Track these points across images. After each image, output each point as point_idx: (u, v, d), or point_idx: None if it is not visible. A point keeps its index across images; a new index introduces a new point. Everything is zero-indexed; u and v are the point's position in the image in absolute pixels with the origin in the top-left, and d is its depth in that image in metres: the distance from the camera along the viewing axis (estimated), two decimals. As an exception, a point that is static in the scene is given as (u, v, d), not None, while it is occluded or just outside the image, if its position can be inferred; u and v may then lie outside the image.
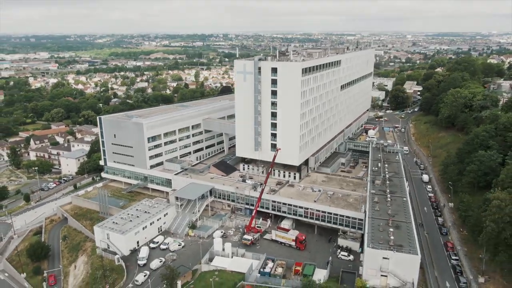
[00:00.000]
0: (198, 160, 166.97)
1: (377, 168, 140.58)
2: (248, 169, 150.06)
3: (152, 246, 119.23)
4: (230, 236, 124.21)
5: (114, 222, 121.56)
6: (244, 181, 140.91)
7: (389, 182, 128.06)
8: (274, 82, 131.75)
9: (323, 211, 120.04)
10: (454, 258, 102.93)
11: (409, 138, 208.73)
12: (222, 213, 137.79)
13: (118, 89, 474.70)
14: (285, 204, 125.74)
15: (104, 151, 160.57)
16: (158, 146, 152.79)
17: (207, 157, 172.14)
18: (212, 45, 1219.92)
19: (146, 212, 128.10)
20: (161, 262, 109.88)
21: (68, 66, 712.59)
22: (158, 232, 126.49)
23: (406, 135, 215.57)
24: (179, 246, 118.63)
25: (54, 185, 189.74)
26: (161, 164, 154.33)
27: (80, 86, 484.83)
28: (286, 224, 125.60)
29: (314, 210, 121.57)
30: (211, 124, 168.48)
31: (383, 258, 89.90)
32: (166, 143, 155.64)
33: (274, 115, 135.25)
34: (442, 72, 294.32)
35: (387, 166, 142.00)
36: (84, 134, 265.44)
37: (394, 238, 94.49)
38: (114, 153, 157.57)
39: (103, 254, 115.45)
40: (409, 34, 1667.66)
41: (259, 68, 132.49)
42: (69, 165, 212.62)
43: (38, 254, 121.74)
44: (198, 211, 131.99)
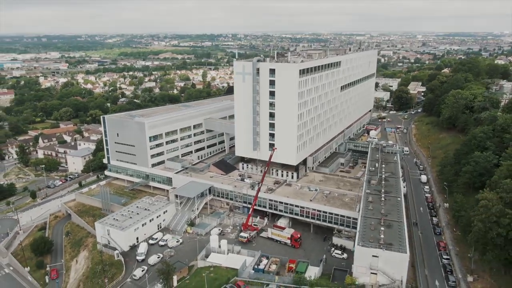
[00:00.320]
0: (200, 159, 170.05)
1: (374, 168, 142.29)
2: (247, 168, 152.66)
3: (151, 242, 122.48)
4: (227, 233, 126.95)
5: (114, 219, 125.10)
6: (242, 180, 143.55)
7: (385, 182, 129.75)
8: (272, 83, 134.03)
9: (319, 210, 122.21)
10: (445, 257, 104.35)
11: (410, 139, 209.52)
12: (221, 211, 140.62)
13: (126, 88, 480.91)
14: (281, 203, 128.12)
15: (107, 150, 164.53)
16: (159, 145, 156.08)
17: (208, 156, 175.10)
18: (220, 45, 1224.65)
19: (146, 209, 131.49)
20: (159, 258, 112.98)
21: (78, 66, 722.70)
22: (158, 229, 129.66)
23: (408, 136, 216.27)
24: (177, 242, 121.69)
25: (60, 182, 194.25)
26: (162, 162, 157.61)
27: (89, 86, 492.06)
28: (282, 222, 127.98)
29: (310, 209, 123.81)
30: (212, 123, 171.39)
31: (373, 256, 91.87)
32: (167, 142, 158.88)
33: (272, 116, 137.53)
34: (447, 73, 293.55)
35: (385, 166, 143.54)
36: (91, 133, 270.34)
37: (385, 236, 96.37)
38: (117, 151, 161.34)
39: (103, 250, 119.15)
40: (419, 34, 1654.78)
41: (258, 69, 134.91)
42: (75, 163, 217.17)
43: (41, 248, 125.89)
44: (197, 209, 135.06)
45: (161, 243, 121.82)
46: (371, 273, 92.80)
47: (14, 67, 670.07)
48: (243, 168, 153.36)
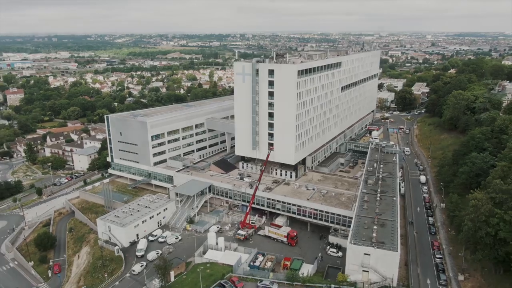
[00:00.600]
0: (201, 158, 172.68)
1: (372, 168, 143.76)
2: (246, 167, 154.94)
3: (150, 239, 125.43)
4: (226, 231, 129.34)
5: (115, 216, 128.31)
6: (242, 179, 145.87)
7: (382, 182, 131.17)
8: (271, 83, 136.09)
9: (315, 209, 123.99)
10: (438, 256, 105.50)
11: (412, 140, 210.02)
12: (220, 209, 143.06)
13: (133, 88, 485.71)
14: (279, 201, 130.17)
15: (111, 149, 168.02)
16: (161, 144, 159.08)
17: (210, 155, 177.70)
18: (228, 45, 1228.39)
19: (146, 206, 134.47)
20: (157, 254, 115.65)
21: (87, 66, 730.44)
22: (158, 226, 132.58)
23: (410, 137, 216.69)
24: (176, 239, 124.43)
25: (66, 180, 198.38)
26: (164, 161, 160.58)
27: (97, 85, 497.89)
28: (280, 221, 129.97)
29: (307, 208, 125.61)
30: (214, 123, 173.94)
31: (365, 254, 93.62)
32: (169, 141, 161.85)
33: (271, 116, 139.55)
34: (451, 73, 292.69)
35: (383, 166, 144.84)
36: (97, 132, 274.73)
37: (377, 235, 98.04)
38: (120, 150, 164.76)
39: (104, 245, 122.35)
40: (429, 34, 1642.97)
41: (257, 70, 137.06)
42: (81, 161, 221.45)
43: (45, 244, 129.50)
44: (197, 207, 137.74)
45: (160, 240, 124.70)
46: (363, 270, 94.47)
47: (24, 67, 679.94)
48: (243, 167, 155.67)
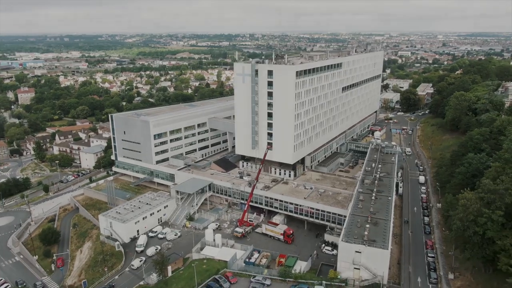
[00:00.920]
0: (203, 157, 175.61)
1: (370, 168, 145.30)
2: (246, 166, 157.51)
3: (151, 235, 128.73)
4: (224, 228, 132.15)
5: (117, 212, 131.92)
6: (241, 177, 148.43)
7: (378, 182, 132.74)
8: (270, 84, 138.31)
9: (312, 208, 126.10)
10: (431, 255, 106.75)
11: (414, 140, 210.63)
12: (220, 207, 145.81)
13: (142, 88, 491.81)
14: (277, 200, 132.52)
15: (115, 147, 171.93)
16: (163, 143, 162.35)
17: (212, 154, 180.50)
18: (238, 45, 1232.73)
19: (147, 204, 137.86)
20: (156, 249, 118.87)
21: (97, 65, 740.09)
22: (158, 222, 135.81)
23: (412, 137, 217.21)
24: (175, 236, 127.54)
25: (73, 178, 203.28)
26: (166, 160, 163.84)
27: (106, 85, 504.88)
28: (277, 219, 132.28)
29: (304, 206, 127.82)
30: (216, 123, 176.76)
31: (356, 251, 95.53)
32: (171, 140, 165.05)
33: (270, 115, 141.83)
34: (455, 74, 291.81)
35: (381, 166, 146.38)
36: (104, 131, 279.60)
37: (369, 233, 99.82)
38: (124, 148, 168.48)
39: (106, 241, 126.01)
40: (440, 34, 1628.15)
41: (256, 70, 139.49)
42: (87, 159, 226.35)
43: (49, 238, 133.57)
44: (196, 205, 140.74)
45: (160, 236, 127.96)
46: (354, 268, 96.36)
47: (36, 66, 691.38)
48: (243, 166, 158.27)
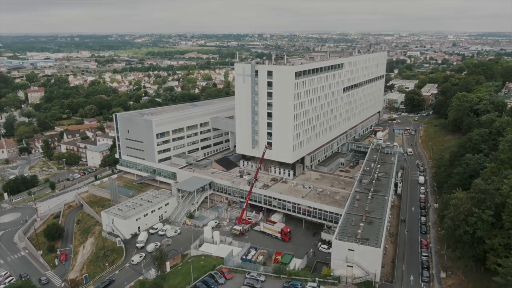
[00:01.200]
0: (206, 156, 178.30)
1: (369, 168, 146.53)
2: (247, 165, 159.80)
3: (151, 232, 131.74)
4: (223, 226, 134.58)
5: (119, 209, 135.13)
6: (241, 176, 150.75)
7: (376, 181, 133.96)
8: (270, 84, 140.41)
9: (309, 207, 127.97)
10: (424, 254, 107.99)
11: (416, 141, 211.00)
12: (220, 205, 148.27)
13: (150, 87, 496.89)
14: (275, 198, 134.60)
15: (119, 146, 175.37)
16: (166, 142, 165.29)
17: (214, 153, 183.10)
18: (246, 45, 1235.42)
19: (149, 201, 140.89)
20: (156, 246, 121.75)
21: (106, 65, 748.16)
22: (159, 220, 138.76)
23: (415, 138, 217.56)
24: (175, 233, 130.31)
25: (79, 175, 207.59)
26: (169, 158, 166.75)
27: (115, 84, 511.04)
28: (276, 217, 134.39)
29: (301, 205, 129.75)
30: (218, 122, 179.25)
31: (349, 249, 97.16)
32: (174, 139, 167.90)
33: (270, 115, 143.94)
34: (460, 75, 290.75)
35: (380, 166, 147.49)
36: (110, 130, 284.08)
37: (363, 232, 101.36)
38: (127, 147, 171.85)
39: (107, 237, 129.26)
40: (451, 34, 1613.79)
41: (256, 71, 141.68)
42: (93, 158, 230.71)
43: (53, 234, 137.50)
44: (197, 203, 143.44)
45: (160, 233, 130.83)
46: (348, 265, 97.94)
47: (46, 66, 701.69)
48: (243, 165, 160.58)
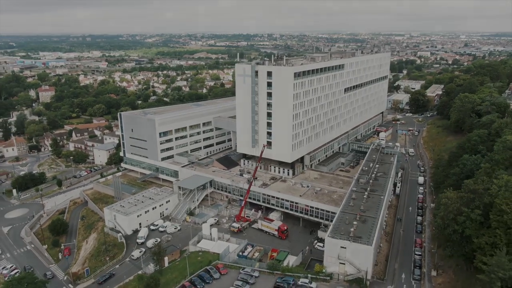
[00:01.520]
0: (208, 155, 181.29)
1: (368, 168, 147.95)
2: (247, 164, 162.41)
3: (152, 228, 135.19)
4: (222, 223, 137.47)
5: (121, 206, 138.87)
6: (241, 175, 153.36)
7: (374, 181, 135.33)
8: (270, 84, 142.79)
9: (307, 205, 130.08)
10: (418, 253, 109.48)
11: (418, 141, 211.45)
12: (221, 203, 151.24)
13: (158, 87, 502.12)
14: (273, 197, 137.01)
15: (123, 144, 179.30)
16: (169, 141, 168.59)
17: (216, 152, 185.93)
18: (255, 45, 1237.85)
19: (150, 198, 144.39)
20: (156, 241, 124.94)
21: (116, 65, 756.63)
22: (160, 216, 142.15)
23: (417, 138, 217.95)
24: (175, 229, 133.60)
25: (85, 173, 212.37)
26: (171, 157, 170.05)
27: (124, 84, 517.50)
28: (274, 215, 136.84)
29: (299, 204, 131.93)
30: (220, 122, 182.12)
31: (341, 247, 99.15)
32: (177, 138, 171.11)
33: (270, 115, 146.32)
34: (466, 76, 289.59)
35: (378, 166, 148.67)
36: (118, 129, 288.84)
37: (356, 230, 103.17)
38: (131, 145, 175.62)
39: (109, 232, 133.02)
40: (463, 34, 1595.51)
41: (256, 71, 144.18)
42: (100, 156, 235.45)
43: (57, 229, 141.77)
44: (197, 200, 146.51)
45: (161, 229, 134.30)
46: (340, 263, 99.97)
47: (58, 65, 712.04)
48: (244, 164, 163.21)
